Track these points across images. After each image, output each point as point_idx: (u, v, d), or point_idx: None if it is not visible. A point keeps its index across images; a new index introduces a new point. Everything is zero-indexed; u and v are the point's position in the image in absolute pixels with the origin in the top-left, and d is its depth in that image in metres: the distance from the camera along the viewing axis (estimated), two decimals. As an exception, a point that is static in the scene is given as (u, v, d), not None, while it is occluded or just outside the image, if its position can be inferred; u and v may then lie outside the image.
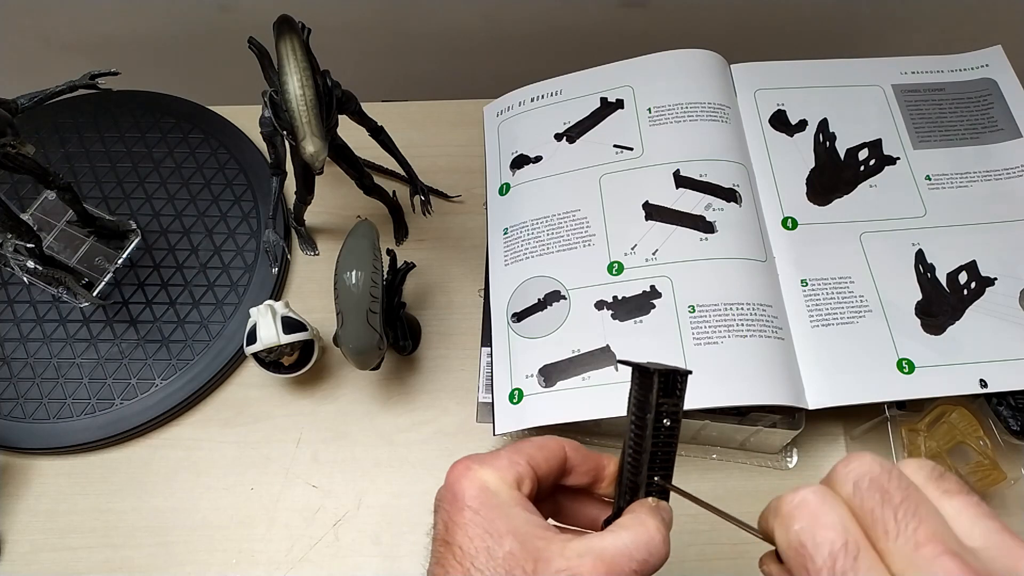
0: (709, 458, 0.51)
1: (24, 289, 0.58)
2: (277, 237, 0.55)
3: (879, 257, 0.50)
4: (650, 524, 0.27)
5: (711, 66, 0.57)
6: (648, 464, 0.29)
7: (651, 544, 0.27)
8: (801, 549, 0.21)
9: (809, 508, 0.22)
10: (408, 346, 0.55)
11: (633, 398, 0.29)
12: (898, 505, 0.21)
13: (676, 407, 0.28)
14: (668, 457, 0.29)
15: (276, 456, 0.53)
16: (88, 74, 0.49)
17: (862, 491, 0.22)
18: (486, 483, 0.28)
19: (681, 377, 0.28)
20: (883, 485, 0.21)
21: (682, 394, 0.28)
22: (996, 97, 0.56)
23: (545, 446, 0.31)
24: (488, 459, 0.30)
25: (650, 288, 0.49)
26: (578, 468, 0.32)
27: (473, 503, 0.28)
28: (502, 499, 0.28)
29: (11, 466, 0.53)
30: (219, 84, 0.71)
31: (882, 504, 0.21)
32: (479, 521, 0.27)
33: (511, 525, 0.27)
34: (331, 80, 0.46)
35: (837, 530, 0.21)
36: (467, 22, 0.73)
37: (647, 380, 0.28)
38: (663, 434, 0.28)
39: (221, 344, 0.56)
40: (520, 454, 0.30)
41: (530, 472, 0.30)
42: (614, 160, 0.54)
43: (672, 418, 0.28)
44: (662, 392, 0.28)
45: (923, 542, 0.20)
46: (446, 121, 0.65)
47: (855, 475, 0.22)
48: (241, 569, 0.50)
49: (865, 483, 0.22)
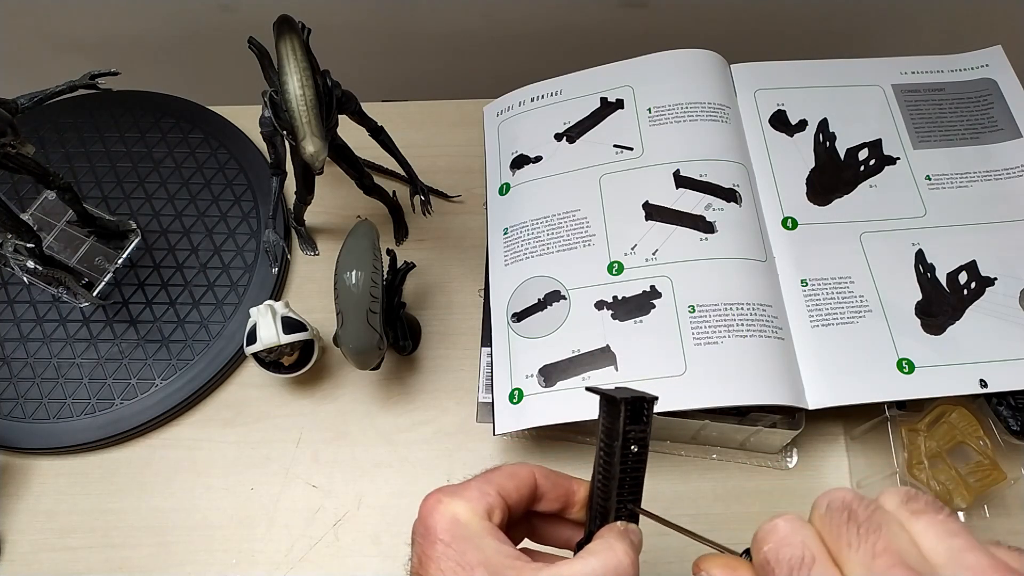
0: (709, 458, 0.51)
1: (24, 289, 0.58)
2: (277, 237, 0.55)
3: (879, 257, 0.50)
4: (619, 548, 0.28)
5: (711, 66, 0.57)
6: (617, 490, 0.29)
7: (619, 568, 0.27)
8: (766, 566, 0.23)
9: (778, 531, 0.24)
10: (408, 346, 0.55)
11: (602, 426, 0.30)
12: (862, 522, 0.22)
13: (643, 433, 0.29)
14: (636, 482, 0.30)
15: (276, 456, 0.53)
16: (88, 74, 0.49)
17: (832, 511, 0.23)
18: (457, 515, 0.29)
19: (648, 404, 0.29)
20: (851, 507, 0.23)
21: (648, 420, 0.29)
22: (996, 97, 0.56)
23: (515, 474, 0.32)
24: (459, 491, 0.30)
25: (650, 288, 0.49)
26: (548, 495, 0.32)
27: (444, 536, 0.28)
28: (473, 530, 0.29)
29: (11, 466, 0.53)
30: (219, 84, 0.71)
31: (847, 521, 0.23)
32: (451, 554, 0.28)
33: (482, 556, 0.28)
34: (331, 80, 0.46)
35: (797, 547, 0.23)
36: (467, 22, 0.73)
37: (614, 408, 0.29)
38: (631, 460, 0.29)
39: (221, 344, 0.56)
40: (490, 484, 0.31)
41: (500, 502, 0.30)
42: (614, 160, 0.54)
43: (639, 444, 0.29)
44: (629, 419, 0.28)
45: (880, 553, 0.21)
46: (446, 121, 0.65)
47: (829, 499, 0.24)
48: (241, 569, 0.50)
49: (836, 504, 0.23)
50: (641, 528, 0.30)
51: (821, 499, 0.24)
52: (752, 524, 0.25)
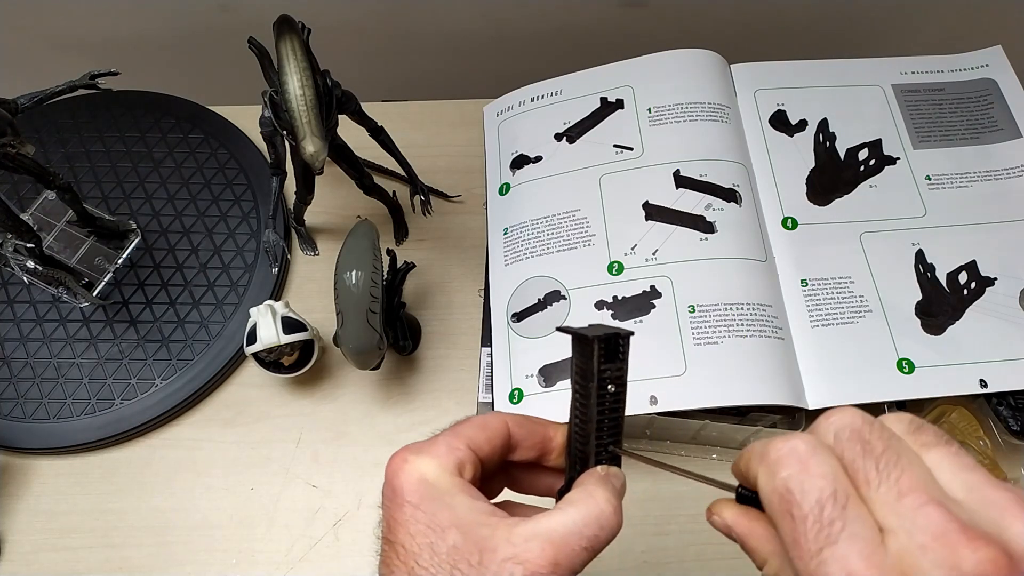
0: (709, 458, 0.51)
1: (24, 289, 0.58)
2: (277, 237, 0.55)
3: (879, 257, 0.50)
4: (599, 496, 0.27)
5: (711, 66, 0.57)
6: (596, 432, 0.28)
7: (601, 517, 0.26)
8: (787, 495, 0.21)
9: (798, 456, 0.21)
10: (408, 346, 0.55)
11: (575, 367, 0.28)
12: (880, 455, 0.21)
13: (620, 371, 0.27)
14: (616, 423, 0.28)
15: (276, 456, 0.53)
16: (88, 74, 0.49)
17: (843, 441, 0.21)
18: (424, 474, 0.27)
19: (623, 340, 0.27)
20: (864, 436, 0.21)
21: (625, 357, 0.27)
22: (996, 97, 0.56)
23: (486, 425, 0.30)
24: (425, 447, 0.29)
25: (650, 288, 0.49)
26: (523, 443, 0.31)
27: (412, 497, 0.27)
28: (443, 489, 0.27)
29: (11, 466, 0.53)
30: (219, 84, 0.71)
31: (863, 454, 0.21)
32: (420, 516, 0.26)
33: (454, 516, 0.26)
34: (331, 80, 0.46)
35: (827, 479, 0.21)
36: (467, 22, 0.73)
37: (587, 347, 0.27)
38: (608, 400, 0.27)
39: (221, 344, 0.56)
40: (459, 438, 0.29)
41: (471, 456, 0.29)
42: (614, 160, 0.54)
43: (617, 383, 0.27)
44: (604, 358, 0.27)
45: (906, 491, 0.20)
46: (446, 121, 0.65)
47: (836, 426, 0.22)
48: (241, 569, 0.50)
49: (846, 434, 0.21)
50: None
51: (825, 424, 0.22)
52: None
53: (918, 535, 0.19)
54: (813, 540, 0.20)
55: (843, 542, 0.20)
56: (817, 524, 0.20)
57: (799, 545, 0.20)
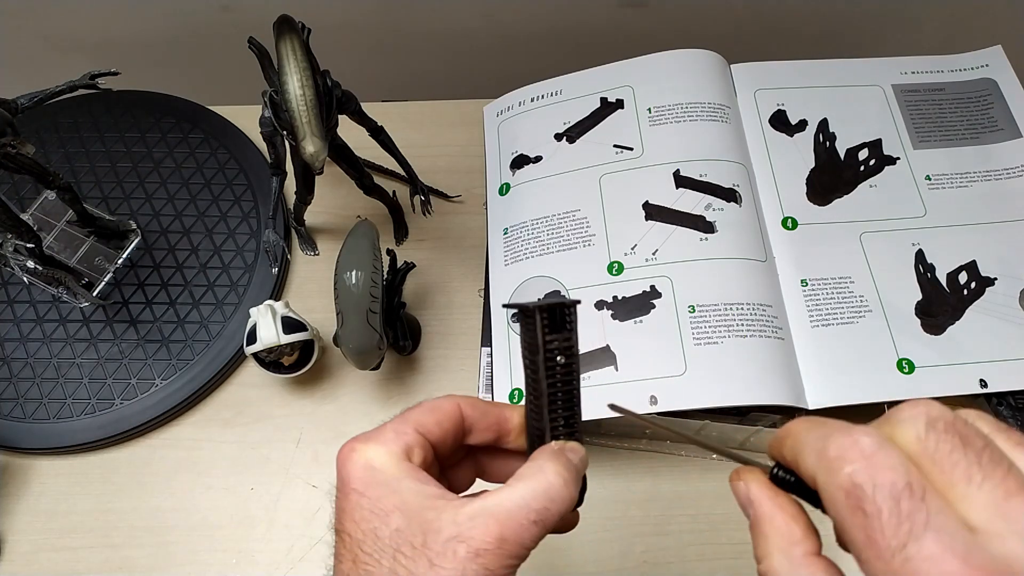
0: (709, 458, 0.51)
1: (24, 289, 0.58)
2: (277, 237, 0.55)
3: (879, 257, 0.50)
4: (548, 469, 0.26)
5: (711, 66, 0.57)
6: (549, 407, 0.27)
7: (550, 490, 0.25)
8: (855, 490, 0.19)
9: (862, 449, 0.20)
10: (408, 346, 0.55)
11: (523, 341, 0.27)
12: (981, 450, 0.19)
13: (568, 342, 0.27)
14: (570, 396, 0.27)
15: (276, 456, 0.53)
16: (88, 74, 0.49)
17: (938, 432, 0.20)
18: (370, 461, 0.27)
19: (569, 309, 0.26)
20: (960, 429, 0.20)
21: (573, 327, 0.27)
22: (996, 97, 0.56)
23: (436, 408, 0.29)
24: (373, 435, 0.28)
25: (650, 288, 0.49)
26: (478, 425, 0.30)
27: (358, 484, 0.26)
28: (389, 474, 0.26)
29: (11, 466, 0.53)
30: (219, 84, 0.71)
31: (963, 447, 0.19)
32: (364, 503, 0.26)
33: (399, 500, 0.26)
34: (331, 80, 0.46)
35: (899, 471, 0.19)
36: (467, 22, 0.73)
37: (530, 319, 0.26)
38: (559, 373, 0.27)
39: (221, 344, 0.56)
40: (407, 423, 0.28)
41: (420, 440, 0.28)
42: (614, 160, 0.54)
43: (566, 354, 0.27)
44: (548, 329, 0.26)
45: (1015, 491, 0.18)
46: (446, 121, 0.65)
47: (927, 417, 0.20)
48: (241, 569, 0.50)
49: (940, 425, 0.20)
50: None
51: (910, 414, 0.20)
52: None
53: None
54: (893, 535, 0.18)
55: (930, 539, 0.18)
56: (895, 518, 0.18)
57: (876, 544, 0.19)
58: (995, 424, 0.21)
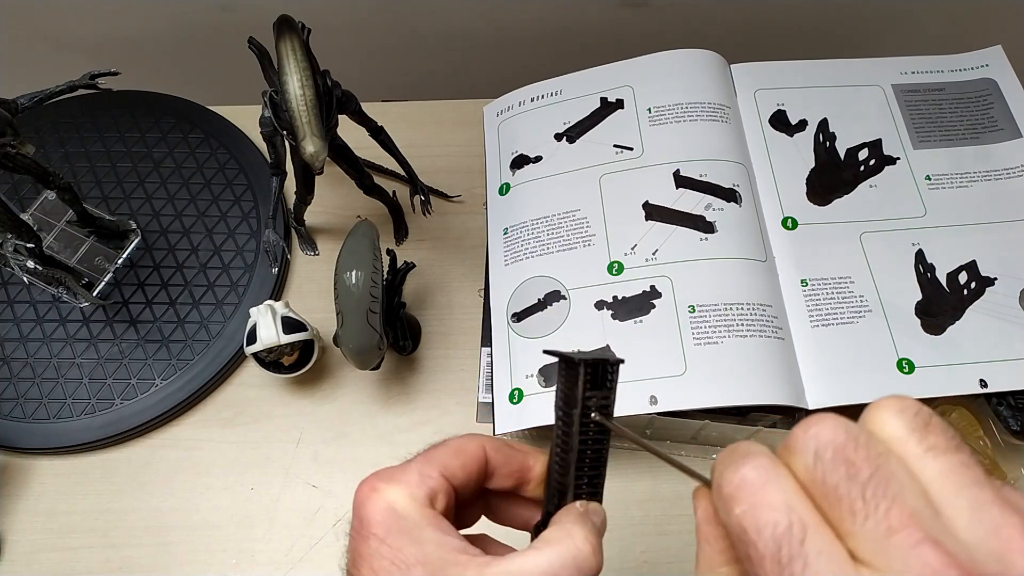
0: (709, 458, 0.51)
1: (24, 289, 0.58)
2: (277, 237, 0.55)
3: (879, 257, 0.50)
4: (577, 536, 0.25)
5: (711, 66, 0.57)
6: (576, 464, 0.26)
7: (579, 558, 0.24)
8: (743, 535, 0.19)
9: (749, 487, 0.19)
10: (408, 346, 0.55)
11: (559, 392, 0.26)
12: (866, 481, 0.18)
13: (607, 399, 0.26)
14: (599, 456, 0.26)
15: (276, 456, 0.53)
16: (88, 74, 0.49)
17: (824, 463, 0.19)
18: (393, 505, 0.26)
19: (612, 367, 0.26)
20: (848, 456, 0.18)
21: (613, 386, 0.26)
22: (996, 97, 0.56)
23: (462, 450, 0.28)
24: (397, 475, 0.27)
25: (650, 288, 0.49)
26: (500, 470, 0.29)
27: (379, 530, 0.25)
28: (411, 522, 0.25)
29: (11, 466, 0.53)
30: (219, 84, 0.71)
31: (848, 479, 0.18)
32: (385, 552, 0.25)
33: (421, 553, 0.24)
34: (331, 80, 0.46)
35: (780, 511, 0.18)
36: (467, 22, 0.73)
37: (572, 372, 0.25)
38: (592, 431, 0.26)
39: (221, 344, 0.56)
40: (432, 465, 0.27)
41: (444, 485, 0.27)
42: (614, 160, 0.54)
43: (603, 412, 0.26)
44: (590, 384, 0.25)
45: (896, 526, 0.17)
46: (446, 121, 0.65)
47: (816, 444, 0.19)
48: (241, 569, 0.50)
49: (828, 453, 0.19)
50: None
51: (803, 440, 0.19)
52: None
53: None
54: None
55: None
56: (776, 565, 0.18)
57: None
58: (915, 420, 0.20)
